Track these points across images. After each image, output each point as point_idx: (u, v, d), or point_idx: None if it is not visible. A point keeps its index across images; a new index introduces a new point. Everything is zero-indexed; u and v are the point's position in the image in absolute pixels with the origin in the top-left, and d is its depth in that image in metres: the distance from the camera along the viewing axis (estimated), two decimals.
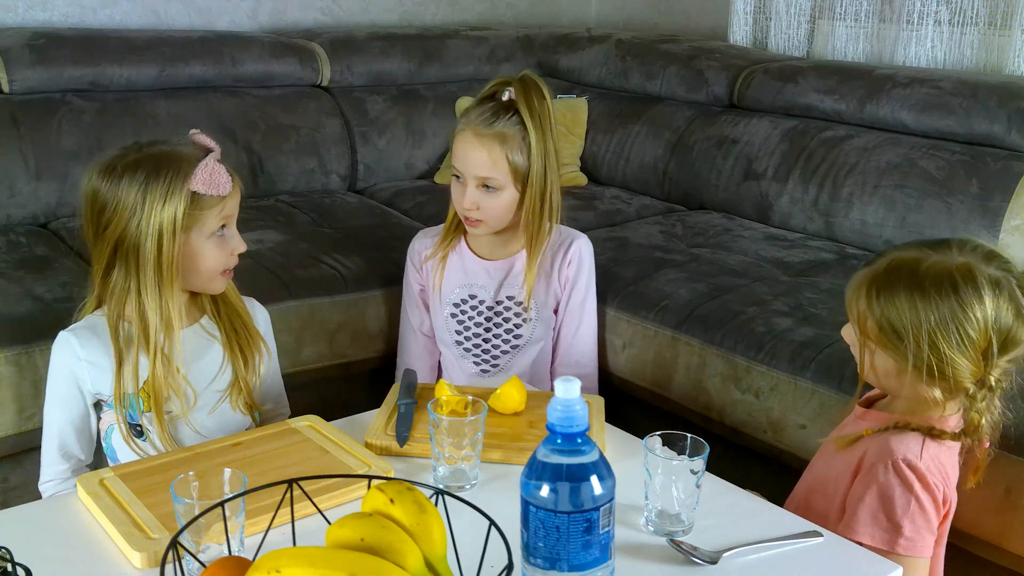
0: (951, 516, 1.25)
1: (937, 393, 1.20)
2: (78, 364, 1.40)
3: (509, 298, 1.83)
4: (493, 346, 1.85)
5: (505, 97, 1.71)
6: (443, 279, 1.84)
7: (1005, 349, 1.18)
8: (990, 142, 2.24)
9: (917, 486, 1.18)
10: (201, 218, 1.37)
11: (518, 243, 1.82)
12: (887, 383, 1.28)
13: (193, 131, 1.45)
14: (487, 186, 1.70)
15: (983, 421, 1.21)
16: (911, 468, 1.19)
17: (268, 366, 1.55)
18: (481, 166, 1.69)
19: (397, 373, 1.93)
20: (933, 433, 1.21)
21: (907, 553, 1.18)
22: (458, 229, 1.84)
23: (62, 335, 1.42)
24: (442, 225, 1.88)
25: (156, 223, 1.33)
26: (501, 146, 1.68)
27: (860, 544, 1.17)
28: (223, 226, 1.41)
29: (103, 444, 1.45)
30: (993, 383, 1.19)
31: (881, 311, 1.20)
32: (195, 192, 1.35)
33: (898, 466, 1.19)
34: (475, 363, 1.86)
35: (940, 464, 1.21)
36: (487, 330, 1.84)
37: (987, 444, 1.26)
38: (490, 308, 1.83)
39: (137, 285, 1.36)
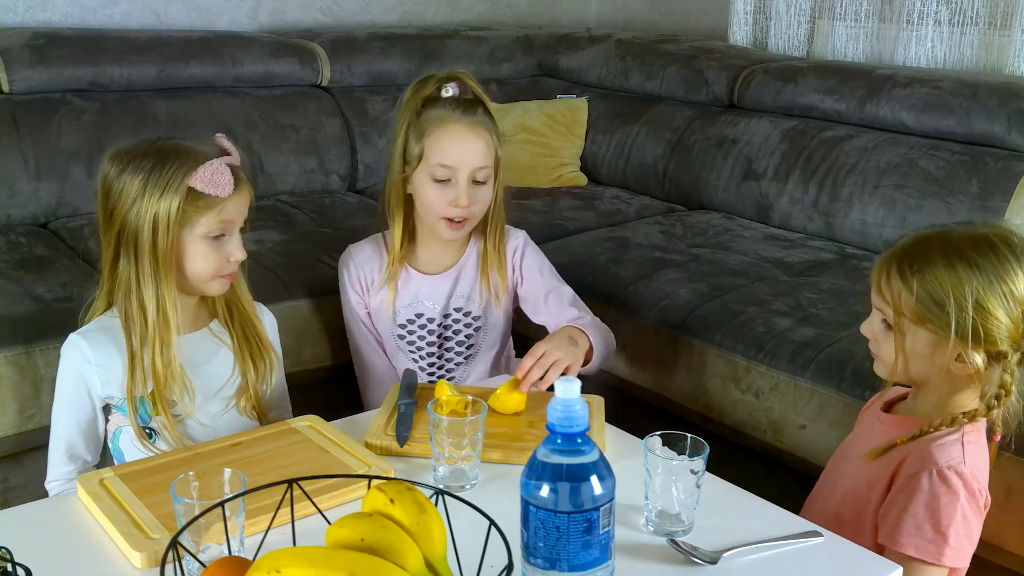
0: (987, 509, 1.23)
1: (979, 359, 1.17)
2: (88, 368, 1.39)
3: (457, 310, 1.77)
4: (447, 359, 1.81)
5: (449, 93, 1.65)
6: (393, 301, 1.76)
7: None
8: (990, 142, 2.24)
9: (963, 494, 1.16)
10: (195, 217, 1.36)
11: (459, 249, 1.76)
12: (918, 367, 1.24)
13: (219, 134, 1.44)
14: (476, 180, 1.64)
15: (1013, 392, 1.18)
16: (958, 475, 1.17)
17: (279, 374, 1.54)
18: (479, 155, 1.63)
19: (366, 399, 1.83)
20: (966, 416, 1.19)
21: (950, 563, 1.16)
22: (407, 247, 1.74)
23: (72, 338, 1.41)
24: (372, 241, 1.78)
25: (153, 213, 1.33)
26: (489, 134, 1.65)
27: (904, 555, 1.16)
28: (222, 232, 1.39)
29: (110, 446, 1.45)
30: None
31: (918, 283, 1.18)
32: (192, 188, 1.34)
33: (944, 474, 1.17)
34: (429, 377, 1.80)
35: (979, 468, 1.19)
36: (439, 346, 1.79)
37: (997, 437, 1.25)
38: (439, 324, 1.78)
39: (137, 276, 1.36)
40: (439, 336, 1.78)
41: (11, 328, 1.75)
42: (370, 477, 1.03)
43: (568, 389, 0.90)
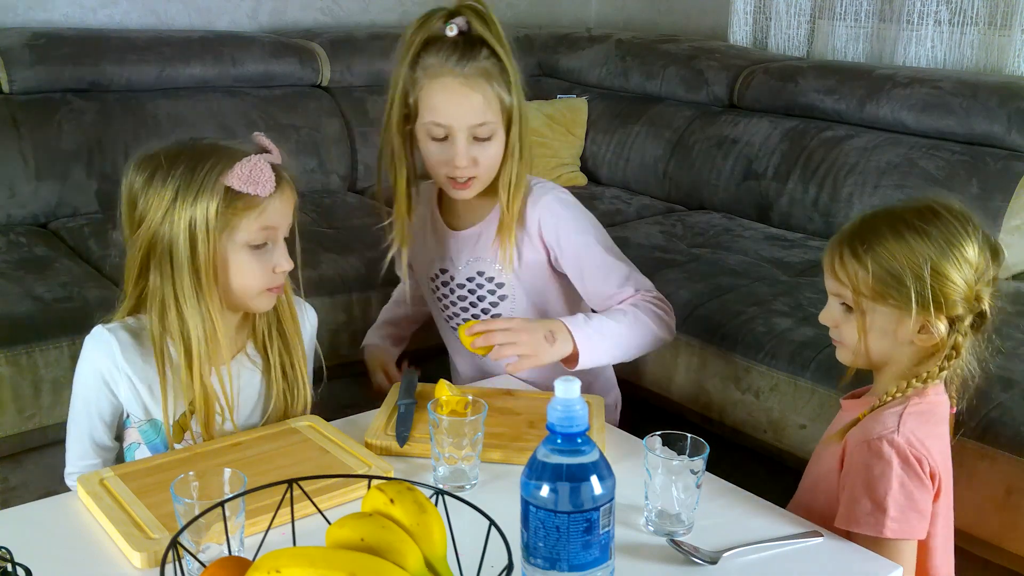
0: (947, 493, 1.21)
1: (942, 327, 1.18)
2: (115, 374, 1.27)
3: (480, 274, 1.59)
4: (474, 316, 1.63)
5: (454, 31, 1.44)
6: (421, 253, 1.63)
7: (984, 274, 1.19)
8: (990, 142, 2.24)
9: (896, 462, 1.14)
10: (235, 220, 1.22)
11: (486, 205, 1.57)
12: (882, 346, 1.23)
13: (258, 133, 1.31)
14: (477, 137, 1.46)
15: (963, 353, 1.19)
16: (889, 443, 1.15)
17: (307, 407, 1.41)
18: (475, 111, 1.44)
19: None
20: (918, 380, 1.19)
21: (896, 536, 1.14)
22: (411, 201, 1.59)
23: (101, 333, 1.27)
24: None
25: (188, 219, 1.19)
26: (489, 84, 1.45)
27: (857, 535, 1.14)
28: (265, 241, 1.25)
29: (125, 457, 1.36)
30: (987, 308, 1.19)
31: (872, 260, 1.19)
32: (230, 188, 1.20)
33: (874, 445, 1.16)
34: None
35: (920, 438, 1.17)
36: (464, 309, 1.63)
37: (954, 410, 1.24)
38: (461, 287, 1.61)
39: (175, 293, 1.22)
40: (463, 300, 1.62)
41: (11, 328, 1.75)
42: (370, 477, 1.03)
43: (568, 389, 0.90)
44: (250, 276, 1.26)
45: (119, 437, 1.37)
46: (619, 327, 1.48)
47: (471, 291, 1.61)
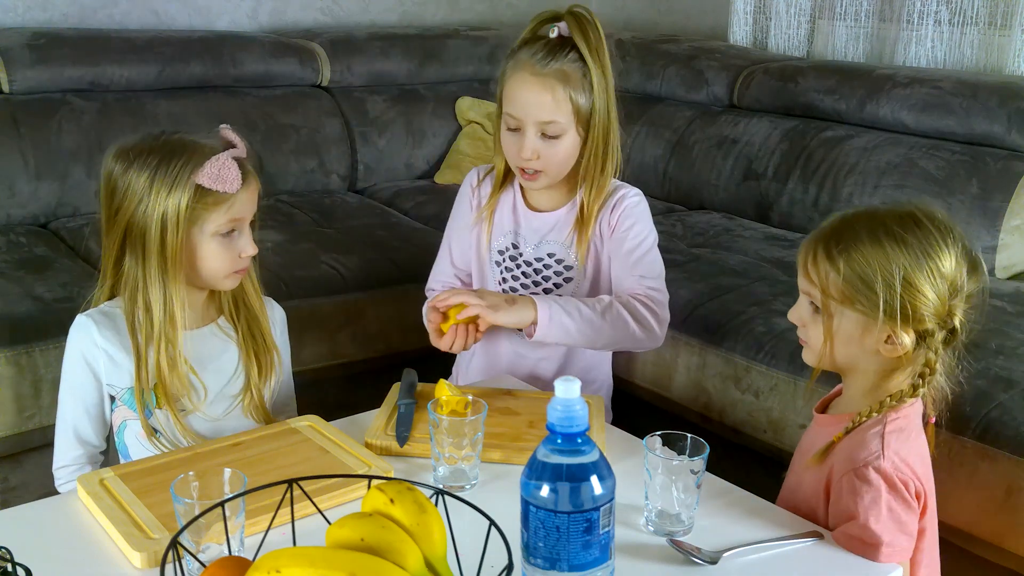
0: (931, 507, 1.20)
1: (907, 339, 1.15)
2: (94, 351, 1.37)
3: (550, 255, 1.66)
4: (533, 295, 1.65)
5: (554, 34, 1.55)
6: (492, 227, 1.68)
7: (959, 290, 1.16)
8: (990, 142, 2.24)
9: (883, 487, 1.13)
10: (205, 214, 1.33)
11: (567, 194, 1.65)
12: (847, 351, 1.21)
13: (223, 125, 1.42)
14: (545, 133, 1.53)
15: (937, 370, 1.16)
16: (876, 470, 1.14)
17: (280, 375, 1.51)
18: (543, 109, 1.52)
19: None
20: (893, 399, 1.17)
21: (888, 560, 1.13)
22: (509, 179, 1.67)
23: (80, 319, 1.39)
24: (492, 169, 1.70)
25: (160, 211, 1.30)
26: (563, 86, 1.52)
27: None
28: (232, 229, 1.37)
29: (115, 440, 1.43)
30: (957, 325, 1.15)
31: (845, 263, 1.16)
32: (200, 185, 1.31)
33: (861, 473, 1.14)
34: None
35: (903, 458, 1.15)
36: (525, 286, 1.68)
37: (932, 420, 1.22)
38: (529, 264, 1.67)
39: (144, 275, 1.33)
40: (526, 277, 1.68)
41: (11, 328, 1.75)
42: (370, 477, 1.03)
43: (568, 389, 0.90)
44: (218, 261, 1.37)
45: (107, 437, 1.43)
46: (591, 313, 1.53)
47: (537, 270, 1.68)
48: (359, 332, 2.12)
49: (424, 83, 3.05)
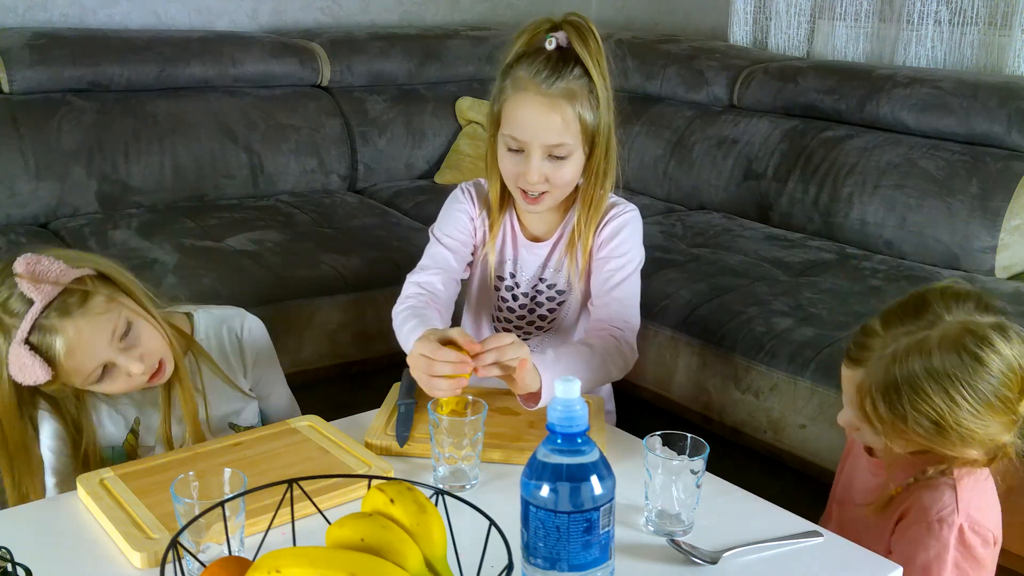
0: (999, 545, 1.19)
1: (975, 453, 1.13)
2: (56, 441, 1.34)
3: (542, 280, 1.60)
4: (528, 323, 1.64)
5: (552, 45, 1.43)
6: (494, 255, 1.60)
7: None
8: (990, 142, 2.24)
9: (952, 544, 1.12)
10: (62, 386, 1.24)
11: (560, 217, 1.58)
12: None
13: (18, 261, 1.20)
14: (552, 155, 1.44)
15: (1012, 454, 1.14)
16: (949, 527, 1.13)
17: (280, 389, 1.50)
18: (551, 132, 1.42)
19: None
20: (963, 464, 1.15)
21: None
22: (506, 204, 1.58)
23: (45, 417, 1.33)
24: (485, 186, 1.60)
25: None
26: (571, 105, 1.42)
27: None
28: (102, 373, 1.25)
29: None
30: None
31: (913, 417, 1.11)
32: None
33: (934, 528, 1.13)
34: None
35: (980, 508, 1.15)
36: (520, 317, 1.63)
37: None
38: (525, 295, 1.61)
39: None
40: (523, 307, 1.63)
41: None
42: (370, 477, 1.03)
43: (568, 389, 0.90)
44: (116, 388, 1.29)
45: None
46: (585, 370, 1.40)
47: (532, 297, 1.62)
48: (359, 332, 2.12)
49: (424, 83, 3.06)
